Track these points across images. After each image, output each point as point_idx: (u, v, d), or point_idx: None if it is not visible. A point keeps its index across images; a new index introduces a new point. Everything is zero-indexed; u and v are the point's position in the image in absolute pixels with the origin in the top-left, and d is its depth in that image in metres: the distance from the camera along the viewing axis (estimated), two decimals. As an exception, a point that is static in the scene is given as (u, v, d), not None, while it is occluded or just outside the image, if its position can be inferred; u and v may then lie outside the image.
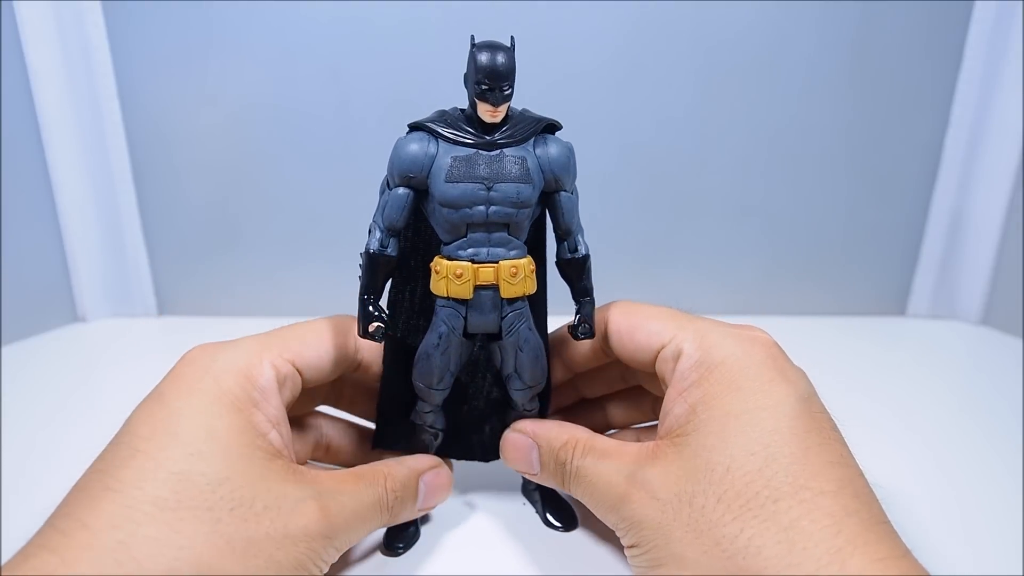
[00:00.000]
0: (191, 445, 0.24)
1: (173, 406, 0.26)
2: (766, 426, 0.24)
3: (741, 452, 0.24)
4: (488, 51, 0.26)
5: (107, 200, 0.60)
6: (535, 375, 0.31)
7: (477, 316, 0.29)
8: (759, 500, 0.23)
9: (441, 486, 0.33)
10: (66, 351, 0.57)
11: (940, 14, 0.57)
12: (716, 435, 0.25)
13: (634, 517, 0.26)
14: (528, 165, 0.28)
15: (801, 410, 0.25)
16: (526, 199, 0.28)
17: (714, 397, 0.26)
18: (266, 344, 0.30)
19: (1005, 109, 0.59)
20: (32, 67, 0.54)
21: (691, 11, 0.56)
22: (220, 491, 0.24)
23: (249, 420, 0.27)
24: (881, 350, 0.60)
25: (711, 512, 0.23)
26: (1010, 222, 0.61)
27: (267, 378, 0.28)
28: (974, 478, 0.41)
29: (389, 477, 0.30)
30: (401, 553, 0.33)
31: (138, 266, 0.62)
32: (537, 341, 0.31)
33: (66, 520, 0.22)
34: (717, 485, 0.24)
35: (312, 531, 0.26)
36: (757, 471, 0.23)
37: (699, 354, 0.28)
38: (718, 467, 0.24)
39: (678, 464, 0.25)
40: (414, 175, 0.28)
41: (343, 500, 0.28)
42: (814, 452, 0.24)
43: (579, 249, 0.30)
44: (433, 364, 0.31)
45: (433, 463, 0.33)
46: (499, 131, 0.28)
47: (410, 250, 0.32)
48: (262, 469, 0.26)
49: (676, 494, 0.25)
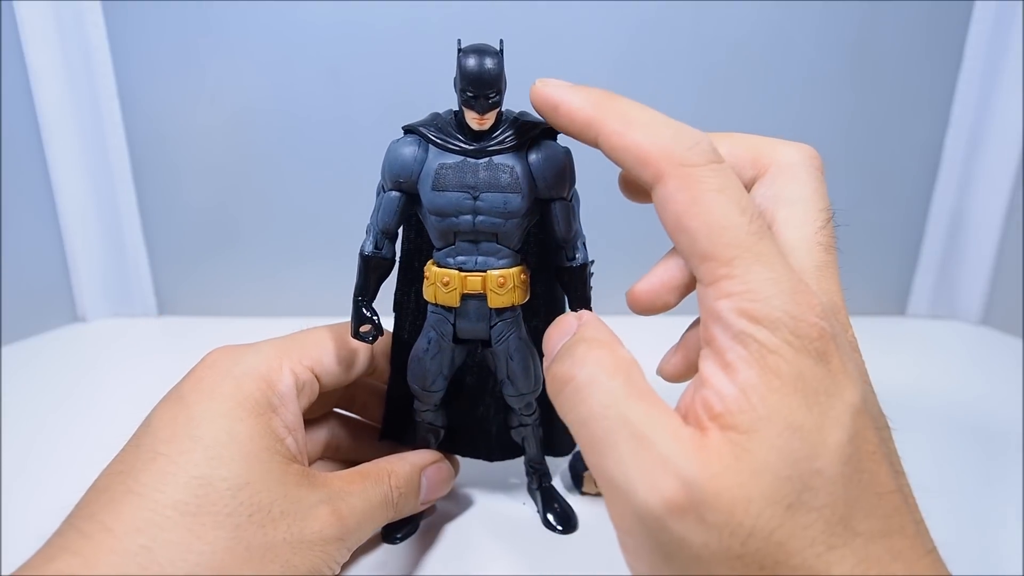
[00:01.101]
0: (211, 449, 0.25)
1: (194, 409, 0.26)
2: (827, 456, 0.21)
3: (805, 488, 0.20)
4: (474, 56, 0.25)
5: (107, 200, 0.60)
6: (527, 383, 0.31)
7: (465, 324, 0.29)
8: (816, 548, 0.20)
9: (442, 481, 0.33)
10: (66, 351, 0.57)
11: (940, 14, 0.57)
12: (780, 452, 0.21)
13: (668, 531, 0.21)
14: (518, 173, 0.27)
15: (855, 432, 0.22)
16: (514, 209, 0.27)
17: (771, 391, 0.21)
18: (286, 349, 0.30)
19: (1005, 109, 0.59)
20: (32, 67, 0.54)
21: (692, 11, 0.56)
22: (240, 496, 0.24)
23: (268, 425, 0.27)
24: (881, 350, 0.60)
25: (764, 557, 0.20)
26: (1010, 222, 0.61)
27: (287, 384, 0.28)
28: (974, 478, 0.41)
29: (393, 474, 0.31)
30: (399, 541, 0.33)
31: (138, 266, 0.62)
32: (528, 351, 0.31)
33: (88, 522, 0.23)
34: (778, 525, 0.20)
35: (327, 535, 0.26)
36: (817, 512, 0.20)
37: (743, 325, 0.22)
38: (782, 502, 0.20)
39: (738, 480, 0.20)
40: (404, 180, 0.28)
41: (353, 502, 0.28)
42: (865, 484, 0.21)
43: (576, 257, 0.30)
44: (424, 368, 0.31)
45: (434, 458, 0.33)
46: (490, 137, 0.27)
47: (414, 251, 0.32)
48: (280, 474, 0.26)
49: (730, 525, 0.20)
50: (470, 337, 0.30)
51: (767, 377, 0.21)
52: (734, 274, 0.22)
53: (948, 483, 0.40)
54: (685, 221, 0.22)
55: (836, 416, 0.21)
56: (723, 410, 0.21)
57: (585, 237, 0.30)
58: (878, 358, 0.62)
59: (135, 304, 0.63)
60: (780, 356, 0.21)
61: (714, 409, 0.21)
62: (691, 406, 0.22)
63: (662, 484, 0.20)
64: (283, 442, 0.27)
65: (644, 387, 0.22)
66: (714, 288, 0.22)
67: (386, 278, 0.30)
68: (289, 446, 0.28)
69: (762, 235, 0.22)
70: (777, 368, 0.21)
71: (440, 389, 0.32)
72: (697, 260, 0.23)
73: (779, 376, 0.21)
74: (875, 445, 0.22)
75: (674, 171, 0.23)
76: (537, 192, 0.28)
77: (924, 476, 0.41)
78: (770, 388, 0.21)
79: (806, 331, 0.22)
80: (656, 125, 0.23)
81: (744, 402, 0.21)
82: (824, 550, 0.20)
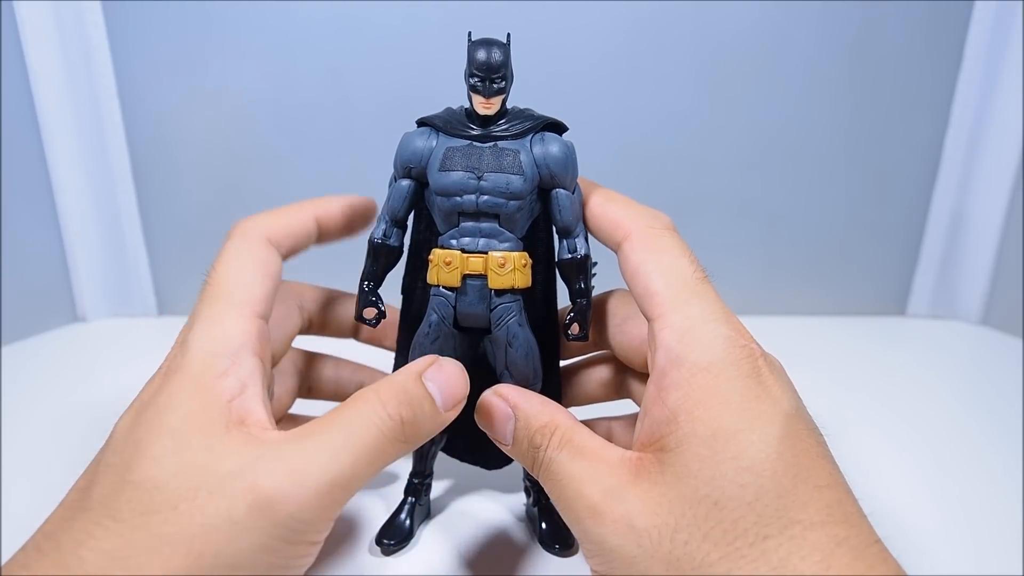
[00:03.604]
0: (149, 448, 0.23)
1: (143, 414, 0.25)
2: (755, 453, 0.22)
3: (731, 484, 0.22)
4: (482, 46, 0.28)
5: (107, 200, 0.60)
6: (526, 374, 0.31)
7: (465, 306, 0.30)
8: (748, 538, 0.21)
9: (453, 378, 0.27)
10: (66, 351, 0.57)
11: (940, 14, 0.57)
12: (703, 459, 0.23)
13: (606, 543, 0.23)
14: (521, 158, 0.28)
15: (788, 431, 0.23)
16: (516, 191, 0.28)
17: (698, 405, 0.24)
18: (233, 303, 0.28)
19: (1005, 109, 0.59)
20: (32, 67, 0.54)
21: (691, 10, 0.56)
22: (166, 490, 0.22)
23: (210, 395, 0.25)
24: (881, 350, 0.60)
25: (695, 550, 0.22)
26: (1010, 222, 0.61)
27: (238, 344, 0.26)
28: (974, 478, 0.41)
29: (381, 392, 0.25)
30: (390, 549, 0.33)
31: (138, 266, 0.62)
32: (528, 338, 0.30)
33: (46, 540, 0.23)
34: (704, 520, 0.22)
35: (257, 507, 0.22)
36: (747, 505, 0.22)
37: (680, 349, 0.25)
38: (706, 500, 0.22)
39: (661, 489, 0.23)
40: (414, 166, 0.29)
41: (309, 456, 0.23)
42: (802, 478, 0.22)
43: (579, 250, 0.30)
44: (424, 352, 0.31)
45: (430, 360, 0.28)
46: (496, 125, 0.29)
47: (423, 242, 0.32)
48: (212, 450, 0.23)
49: (657, 526, 0.22)
50: (469, 323, 0.30)
51: (695, 395, 0.24)
52: (677, 308, 0.26)
53: (948, 483, 0.40)
54: (643, 267, 0.27)
55: (768, 418, 0.23)
56: (658, 435, 0.24)
57: (588, 232, 0.31)
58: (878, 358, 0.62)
59: (135, 304, 0.63)
60: (710, 373, 0.24)
61: (652, 436, 0.25)
62: (638, 435, 0.26)
63: (602, 507, 0.24)
64: (228, 404, 0.24)
65: (584, 440, 0.26)
66: (659, 321, 0.26)
67: (393, 266, 0.32)
68: (239, 406, 0.25)
69: (704, 281, 0.27)
70: (705, 386, 0.24)
71: None
72: (648, 299, 0.27)
73: (707, 392, 0.24)
74: (811, 444, 0.24)
75: (640, 231, 0.28)
76: (540, 180, 0.29)
77: (924, 476, 0.41)
78: (696, 405, 0.24)
79: (737, 352, 0.25)
80: (628, 202, 0.30)
81: (673, 423, 0.24)
82: (758, 540, 0.21)
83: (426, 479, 0.35)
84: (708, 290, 0.27)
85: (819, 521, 0.22)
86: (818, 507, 0.22)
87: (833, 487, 0.23)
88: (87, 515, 0.22)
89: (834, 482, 0.23)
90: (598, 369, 0.35)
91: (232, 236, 0.31)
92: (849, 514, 0.22)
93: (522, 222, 0.30)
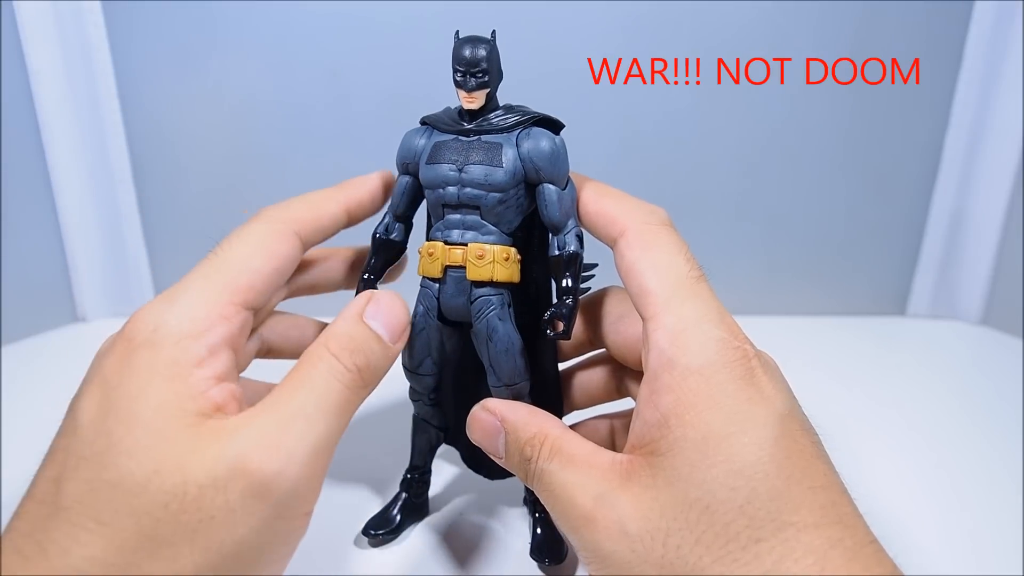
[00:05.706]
0: (122, 442, 0.22)
1: (112, 400, 0.23)
2: (747, 456, 0.22)
3: (722, 487, 0.22)
4: (465, 43, 0.28)
5: (107, 200, 0.60)
6: (510, 373, 0.30)
7: (448, 298, 0.30)
8: (740, 541, 0.21)
9: (391, 307, 0.28)
10: (66, 351, 0.57)
11: (940, 14, 0.57)
12: (694, 463, 0.23)
13: (600, 549, 0.23)
14: (503, 150, 0.29)
15: (781, 432, 0.23)
16: (496, 183, 0.28)
17: (689, 409, 0.23)
18: (213, 286, 0.27)
19: (1005, 109, 0.59)
20: (32, 67, 0.54)
21: (691, 9, 0.56)
22: (149, 490, 0.22)
23: (184, 384, 0.24)
24: (881, 350, 0.60)
25: (688, 554, 0.22)
26: (1010, 222, 0.61)
27: (216, 334, 0.25)
28: (974, 478, 0.41)
29: (329, 343, 0.26)
30: (376, 539, 0.33)
31: (138, 266, 0.62)
32: (509, 334, 0.30)
33: (26, 541, 0.22)
34: (695, 524, 0.22)
35: (251, 491, 0.22)
36: (739, 509, 0.22)
37: (672, 351, 0.24)
38: (697, 504, 0.22)
39: (652, 493, 0.23)
40: (409, 162, 0.31)
41: (287, 428, 0.23)
42: (796, 480, 0.22)
43: (567, 247, 0.29)
44: (412, 346, 0.31)
45: (365, 298, 0.28)
46: (483, 120, 0.29)
47: None
48: (191, 442, 0.23)
49: (649, 530, 0.22)
50: (455, 317, 0.30)
51: (687, 399, 0.24)
52: (670, 309, 0.25)
53: (948, 483, 0.40)
54: (639, 265, 0.27)
55: (760, 420, 0.23)
56: (650, 438, 0.24)
57: (582, 232, 0.30)
58: (878, 358, 0.62)
59: (135, 304, 0.63)
60: (701, 376, 0.24)
61: (644, 439, 0.24)
62: (630, 437, 0.25)
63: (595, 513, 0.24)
64: (204, 396, 0.24)
65: (574, 448, 0.26)
66: (654, 321, 0.25)
67: (395, 261, 0.33)
68: (214, 397, 0.24)
69: (699, 280, 0.26)
70: (696, 389, 0.24)
71: (429, 373, 0.32)
72: (642, 298, 0.26)
73: (698, 396, 0.23)
74: (806, 445, 0.23)
75: (635, 228, 0.28)
76: (525, 174, 0.29)
77: (924, 476, 0.41)
78: (687, 408, 0.23)
79: (730, 354, 0.24)
80: (623, 196, 0.30)
81: (664, 427, 0.24)
82: (750, 543, 0.21)
83: (423, 475, 0.35)
84: (703, 289, 0.26)
85: (813, 523, 0.21)
86: (812, 509, 0.22)
87: (828, 488, 0.23)
88: (65, 515, 0.21)
89: (829, 483, 0.23)
90: (597, 370, 0.35)
91: (257, 218, 0.30)
92: (844, 515, 0.22)
93: (508, 216, 0.29)
